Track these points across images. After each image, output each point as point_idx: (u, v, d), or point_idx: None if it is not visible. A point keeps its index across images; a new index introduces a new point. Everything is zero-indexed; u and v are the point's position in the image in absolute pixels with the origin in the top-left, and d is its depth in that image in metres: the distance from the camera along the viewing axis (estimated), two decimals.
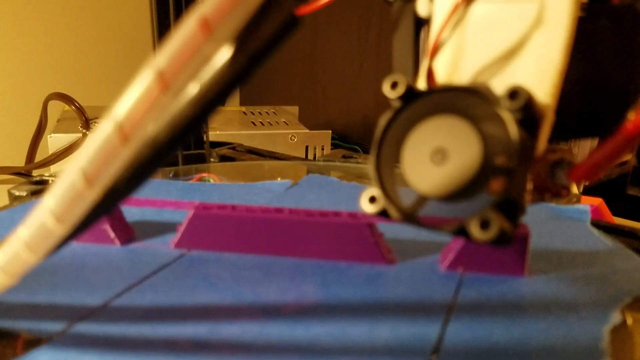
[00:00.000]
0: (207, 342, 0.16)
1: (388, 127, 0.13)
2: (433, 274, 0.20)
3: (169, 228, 0.24)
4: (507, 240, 0.11)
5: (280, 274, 0.20)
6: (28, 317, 0.17)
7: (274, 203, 0.29)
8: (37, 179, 0.32)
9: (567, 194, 0.13)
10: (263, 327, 0.16)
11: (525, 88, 0.11)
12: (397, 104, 0.13)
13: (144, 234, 0.24)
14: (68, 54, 0.84)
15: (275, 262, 0.21)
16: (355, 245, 0.21)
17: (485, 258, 0.20)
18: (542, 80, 0.12)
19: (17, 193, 0.30)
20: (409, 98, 0.13)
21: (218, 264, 0.21)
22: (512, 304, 0.18)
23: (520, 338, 0.16)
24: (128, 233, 0.23)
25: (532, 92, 0.11)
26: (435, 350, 0.15)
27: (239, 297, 0.18)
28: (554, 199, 0.13)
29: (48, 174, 0.33)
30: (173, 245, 0.22)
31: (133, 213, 0.24)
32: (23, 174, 0.46)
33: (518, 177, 0.11)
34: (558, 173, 0.13)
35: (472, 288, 0.19)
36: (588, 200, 0.30)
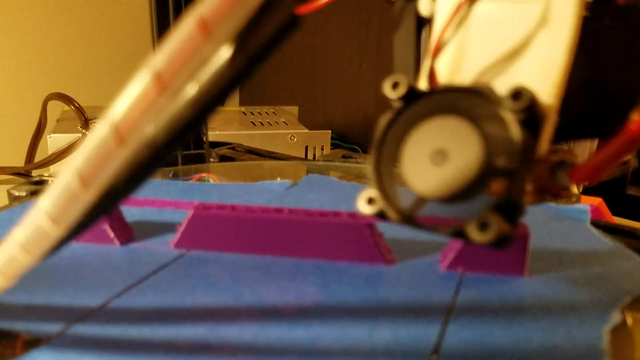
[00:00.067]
0: (206, 342, 0.16)
1: (388, 127, 0.13)
2: (433, 274, 0.20)
3: (169, 228, 0.24)
4: (505, 243, 0.11)
5: (280, 274, 0.20)
6: (27, 317, 0.17)
7: (274, 203, 0.29)
8: (36, 179, 0.32)
9: (567, 195, 0.13)
10: (262, 327, 0.16)
11: (529, 88, 0.11)
12: (398, 105, 0.13)
13: (144, 234, 0.24)
14: (68, 54, 0.84)
15: (275, 262, 0.21)
16: (355, 245, 0.21)
17: (485, 258, 0.20)
18: (545, 81, 0.12)
19: (16, 193, 0.30)
20: (410, 98, 0.13)
21: (218, 264, 0.21)
22: (512, 304, 0.18)
23: (520, 338, 0.16)
24: (127, 233, 0.23)
25: (535, 92, 0.11)
26: (435, 350, 0.15)
27: (239, 297, 0.18)
28: (555, 200, 0.13)
29: (47, 174, 0.33)
30: (173, 246, 0.22)
31: (133, 213, 0.24)
32: (22, 174, 0.46)
33: (519, 178, 0.11)
34: (559, 174, 0.13)
35: (472, 288, 0.19)
36: (588, 200, 0.30)
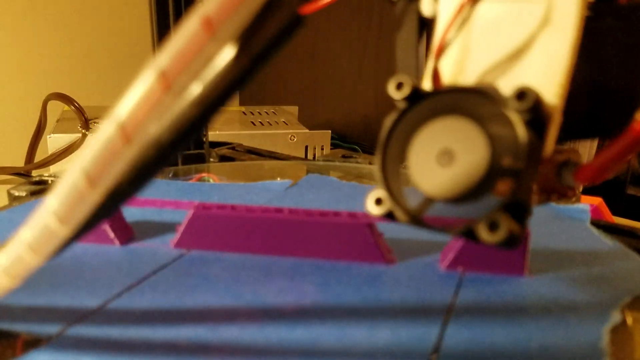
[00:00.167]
0: (206, 342, 0.16)
1: (393, 128, 0.13)
2: (433, 274, 0.20)
3: (169, 228, 0.24)
4: (515, 242, 0.11)
5: (280, 274, 0.20)
6: (27, 317, 0.17)
7: (274, 203, 0.29)
8: (36, 179, 0.32)
9: (573, 195, 0.13)
10: (262, 327, 0.16)
11: (533, 89, 0.11)
12: (402, 105, 0.13)
13: (144, 234, 0.24)
14: (67, 54, 0.84)
15: (275, 262, 0.21)
16: (355, 245, 0.21)
17: (485, 258, 0.20)
18: (549, 81, 0.12)
19: (16, 193, 0.30)
20: (415, 99, 0.13)
21: (218, 264, 0.21)
22: (512, 304, 0.18)
23: (520, 338, 0.16)
24: (127, 233, 0.23)
25: (539, 92, 0.11)
26: (435, 350, 0.15)
27: (239, 297, 0.18)
28: (560, 200, 0.13)
29: (47, 174, 0.33)
30: (173, 245, 0.22)
31: (133, 213, 0.24)
32: (22, 174, 0.46)
33: (526, 178, 0.11)
34: (564, 174, 0.13)
35: (471, 288, 0.19)
36: (588, 200, 0.30)
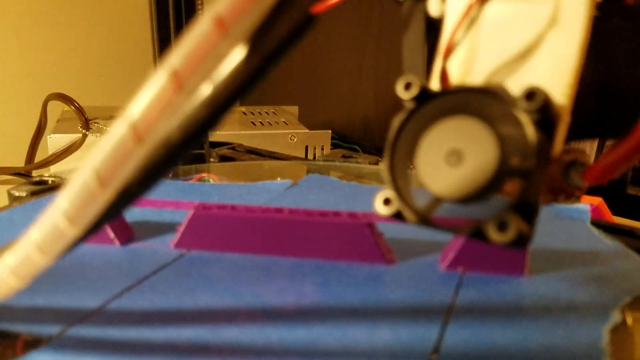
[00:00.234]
0: (206, 342, 0.16)
1: (402, 128, 0.13)
2: (433, 274, 0.20)
3: (169, 228, 0.24)
4: (524, 242, 0.11)
5: (280, 274, 0.20)
6: (27, 318, 0.17)
7: (274, 203, 0.29)
8: (36, 180, 0.32)
9: (580, 195, 0.13)
10: (262, 327, 0.16)
11: (542, 89, 0.11)
12: (410, 105, 0.13)
13: (144, 234, 0.24)
14: (68, 55, 0.84)
15: (275, 262, 0.21)
16: (355, 245, 0.21)
17: (485, 258, 0.20)
18: (557, 81, 0.12)
19: (16, 193, 0.30)
20: (423, 99, 0.13)
21: (218, 264, 0.21)
22: (512, 304, 0.18)
23: (520, 338, 0.16)
24: (128, 233, 0.23)
25: (548, 92, 0.11)
26: (435, 350, 0.15)
27: (239, 297, 0.18)
28: (568, 200, 0.13)
29: (48, 175, 0.33)
30: (173, 246, 0.22)
31: (132, 213, 0.24)
32: (23, 175, 0.46)
33: (535, 179, 0.11)
34: (572, 174, 0.13)
35: (472, 288, 0.19)
36: (588, 200, 0.29)
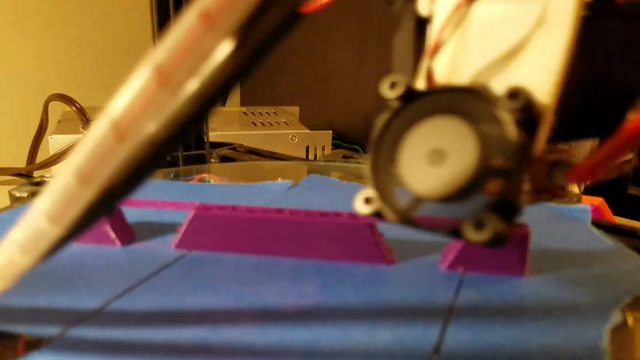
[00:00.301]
0: (207, 343, 0.16)
1: (386, 127, 0.13)
2: (433, 274, 0.20)
3: (170, 229, 0.24)
4: (501, 242, 0.11)
5: (281, 275, 0.20)
6: (28, 318, 0.17)
7: (275, 203, 0.29)
8: (38, 180, 0.32)
9: (565, 195, 0.13)
10: (263, 327, 0.16)
11: (525, 88, 0.11)
12: (395, 104, 0.13)
13: (145, 235, 0.24)
14: (69, 55, 0.84)
15: (276, 262, 0.21)
16: (356, 246, 0.21)
17: (486, 258, 0.20)
18: (542, 81, 0.12)
19: (18, 194, 0.30)
20: (408, 98, 0.13)
21: (219, 265, 0.21)
22: (512, 304, 0.18)
23: (521, 338, 0.16)
24: (129, 234, 0.23)
25: (532, 92, 0.11)
26: (436, 350, 0.15)
27: (240, 297, 0.18)
28: (552, 200, 0.13)
29: (49, 175, 0.34)
30: (174, 246, 0.22)
31: (133, 214, 0.24)
32: (24, 175, 0.46)
33: (515, 178, 0.11)
34: (556, 174, 0.13)
35: (472, 288, 0.19)
36: (589, 200, 0.29)
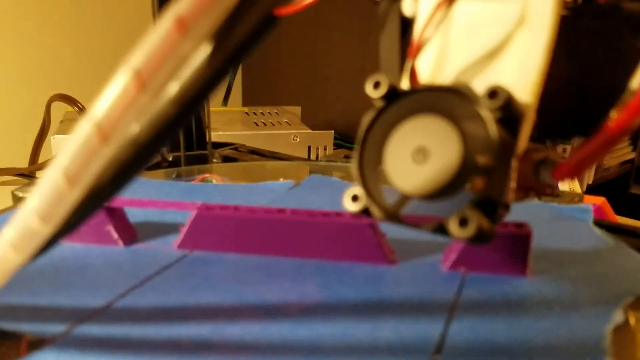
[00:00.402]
0: (209, 342, 0.16)
1: (371, 126, 0.13)
2: (435, 274, 0.20)
3: (172, 229, 0.24)
4: (485, 238, 0.11)
5: (283, 275, 0.20)
6: (31, 318, 0.17)
7: (276, 203, 0.29)
8: None
9: (551, 192, 0.14)
10: (265, 327, 0.17)
11: (506, 87, 0.11)
12: (379, 104, 0.13)
13: (147, 235, 0.24)
14: (71, 55, 0.84)
15: (278, 262, 0.21)
16: (358, 246, 0.21)
17: (487, 258, 0.20)
18: (523, 79, 0.12)
19: (20, 194, 0.30)
20: (392, 98, 0.13)
21: (220, 265, 0.21)
22: (514, 304, 0.18)
23: (522, 337, 0.16)
24: (131, 234, 0.23)
25: (513, 91, 0.11)
26: (438, 350, 0.15)
27: (242, 297, 0.18)
28: (539, 197, 0.14)
29: None
30: (176, 246, 0.22)
31: (136, 214, 0.24)
32: (26, 175, 0.46)
33: (498, 175, 0.11)
34: (542, 172, 0.13)
35: (474, 288, 0.19)
36: (591, 200, 0.29)
